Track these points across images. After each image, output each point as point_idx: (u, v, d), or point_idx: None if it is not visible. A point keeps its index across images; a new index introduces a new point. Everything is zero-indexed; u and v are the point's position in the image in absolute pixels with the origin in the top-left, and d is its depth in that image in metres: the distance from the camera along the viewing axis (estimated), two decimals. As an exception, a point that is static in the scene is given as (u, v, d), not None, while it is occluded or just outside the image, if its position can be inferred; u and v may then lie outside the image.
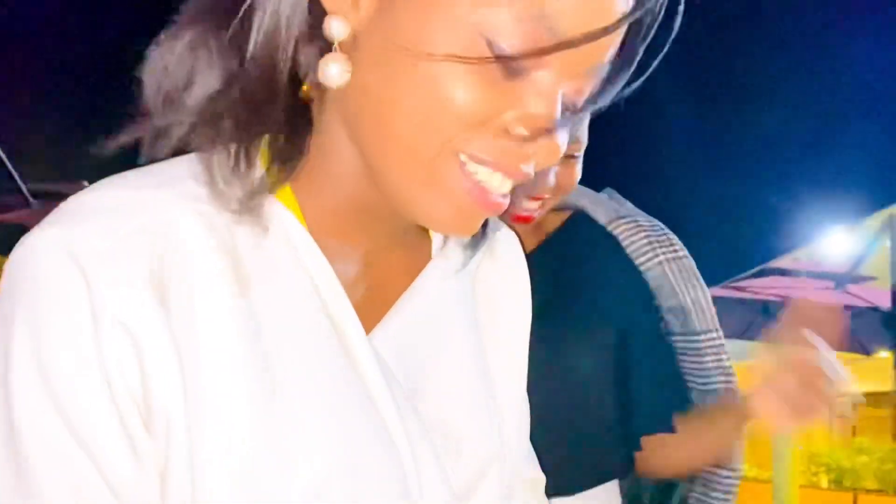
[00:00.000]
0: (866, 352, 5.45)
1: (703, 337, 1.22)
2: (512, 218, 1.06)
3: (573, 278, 1.17)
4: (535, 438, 1.04)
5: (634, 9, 0.47)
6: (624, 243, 1.22)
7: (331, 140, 0.53)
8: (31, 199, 5.21)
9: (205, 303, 0.48)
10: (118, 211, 0.48)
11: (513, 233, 0.70)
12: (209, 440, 0.47)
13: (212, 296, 0.48)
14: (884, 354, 5.63)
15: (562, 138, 0.48)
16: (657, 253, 1.22)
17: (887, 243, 3.69)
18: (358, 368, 0.52)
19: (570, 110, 0.49)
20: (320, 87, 0.51)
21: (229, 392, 0.48)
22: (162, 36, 0.52)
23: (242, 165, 0.50)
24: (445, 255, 0.62)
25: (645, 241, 1.22)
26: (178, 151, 0.53)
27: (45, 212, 0.54)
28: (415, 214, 0.51)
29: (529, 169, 0.49)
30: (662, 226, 1.26)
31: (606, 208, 1.26)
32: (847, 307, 5.01)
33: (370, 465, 0.51)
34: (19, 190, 4.99)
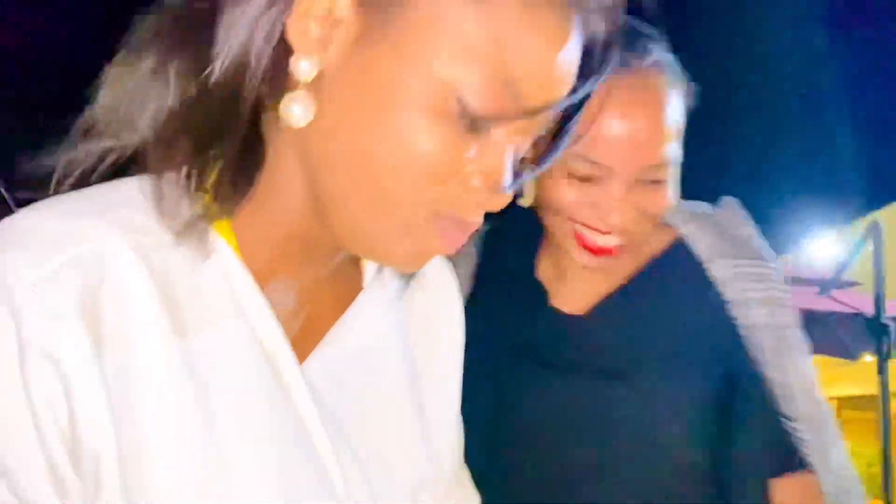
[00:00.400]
0: (851, 356, 5.48)
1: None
2: (590, 251, 0.98)
3: (667, 316, 1.03)
4: (618, 478, 0.97)
5: (592, 79, 0.54)
6: (721, 289, 1.02)
7: (282, 174, 0.53)
8: (14, 209, 5.15)
9: (140, 338, 0.47)
10: (50, 240, 0.46)
11: (446, 261, 0.73)
12: (147, 478, 0.46)
13: (146, 331, 0.48)
14: (868, 359, 5.67)
15: (507, 193, 0.52)
16: (752, 314, 1.01)
17: (871, 248, 3.72)
18: (292, 399, 0.53)
19: (516, 157, 0.53)
20: (278, 122, 0.51)
21: (167, 427, 0.48)
22: (120, 55, 0.52)
23: (193, 187, 0.49)
24: (378, 285, 0.64)
25: (740, 294, 1.01)
26: (90, 174, 0.53)
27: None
28: (372, 253, 0.54)
29: (479, 219, 0.53)
30: (776, 277, 1.04)
31: (711, 240, 1.05)
32: (832, 313, 5.04)
33: (305, 496, 0.52)
34: (2, 199, 4.94)
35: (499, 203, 0.52)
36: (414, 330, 0.67)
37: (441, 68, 0.47)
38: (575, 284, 1.08)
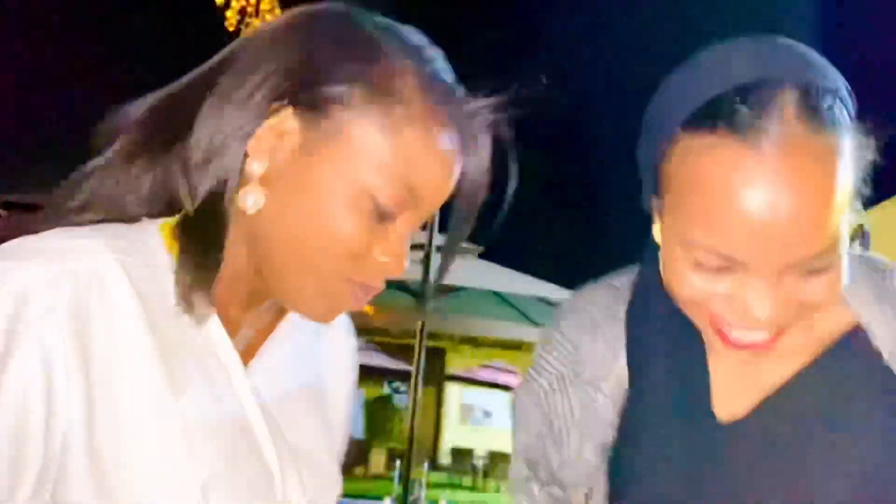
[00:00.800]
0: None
1: None
2: (735, 346, 0.78)
3: (841, 425, 0.81)
4: None
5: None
6: None
7: (232, 243, 0.68)
8: (-1, 212, 5.15)
9: (122, 333, 0.62)
10: (52, 254, 0.62)
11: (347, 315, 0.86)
12: (119, 447, 0.61)
13: (128, 328, 0.62)
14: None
15: (406, 265, 0.69)
16: None
17: (858, 250, 3.74)
18: (240, 398, 0.69)
19: (411, 240, 0.71)
20: (232, 205, 0.67)
21: (142, 405, 0.62)
22: (108, 156, 0.68)
23: (189, 273, 0.65)
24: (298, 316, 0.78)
25: None
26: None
27: (11, 222, 0.68)
28: (298, 308, 0.71)
29: (383, 284, 0.70)
30: None
31: None
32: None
33: (246, 473, 0.67)
34: (-12, 202, 4.92)
35: (399, 271, 0.69)
36: (323, 360, 0.84)
37: (361, 176, 0.65)
38: (734, 370, 0.85)
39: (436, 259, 5.01)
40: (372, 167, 0.65)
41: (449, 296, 6.03)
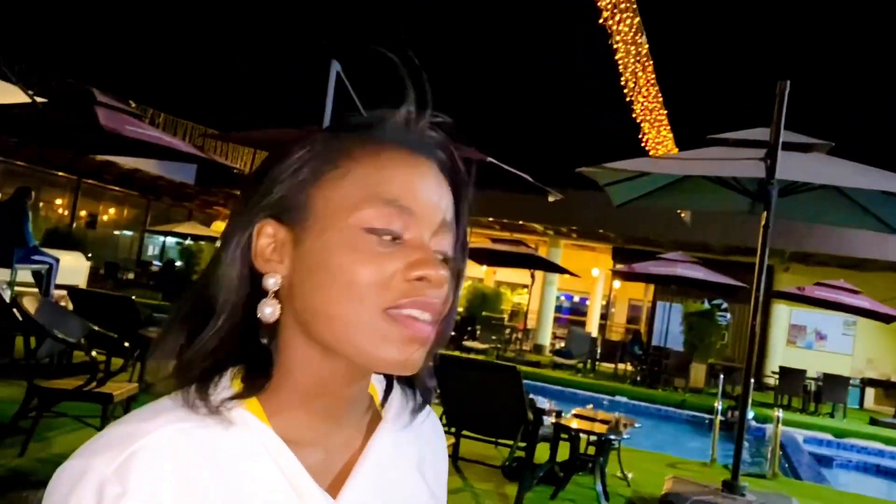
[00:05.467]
0: None
1: None
2: None
3: None
4: None
5: (450, 191, 0.73)
6: None
7: (292, 349, 0.71)
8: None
9: (181, 489, 0.64)
10: (119, 443, 0.65)
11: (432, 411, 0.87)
12: None
13: (188, 484, 0.64)
14: None
15: (443, 271, 0.68)
16: None
17: None
18: None
19: (442, 254, 0.71)
20: (275, 317, 0.71)
21: None
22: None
23: (210, 388, 0.68)
24: (393, 420, 0.79)
25: None
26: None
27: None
28: (374, 364, 0.69)
29: (435, 298, 0.68)
30: None
31: None
32: None
33: None
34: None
35: (440, 283, 0.68)
36: (427, 458, 0.83)
37: (348, 220, 0.67)
38: None
39: (782, 157, 4.75)
40: (347, 210, 0.67)
41: (789, 197, 5.59)
